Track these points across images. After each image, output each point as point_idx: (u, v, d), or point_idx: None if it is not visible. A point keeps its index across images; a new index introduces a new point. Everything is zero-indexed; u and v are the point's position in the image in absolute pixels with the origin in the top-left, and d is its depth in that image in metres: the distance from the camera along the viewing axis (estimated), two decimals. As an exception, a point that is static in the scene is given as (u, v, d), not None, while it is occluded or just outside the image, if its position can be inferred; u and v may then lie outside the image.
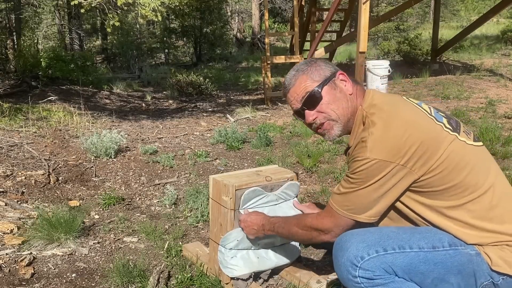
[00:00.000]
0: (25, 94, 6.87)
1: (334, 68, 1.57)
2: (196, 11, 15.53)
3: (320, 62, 1.58)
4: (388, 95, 1.57)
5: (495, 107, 6.03)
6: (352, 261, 1.34)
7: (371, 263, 1.33)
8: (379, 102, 1.47)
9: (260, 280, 1.98)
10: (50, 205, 2.96)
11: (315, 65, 1.55)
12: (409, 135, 1.34)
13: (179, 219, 2.83)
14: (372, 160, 1.34)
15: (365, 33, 6.77)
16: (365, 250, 1.34)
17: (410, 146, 1.33)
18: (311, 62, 1.58)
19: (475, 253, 1.36)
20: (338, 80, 1.54)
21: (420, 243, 1.35)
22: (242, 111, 6.71)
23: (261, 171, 2.03)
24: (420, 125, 1.38)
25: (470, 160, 1.37)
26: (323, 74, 1.53)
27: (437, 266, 1.34)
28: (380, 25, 15.21)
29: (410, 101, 1.51)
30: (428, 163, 1.34)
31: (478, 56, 11.53)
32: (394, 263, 1.33)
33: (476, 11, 22.41)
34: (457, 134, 1.40)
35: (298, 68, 1.57)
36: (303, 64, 1.58)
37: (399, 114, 1.40)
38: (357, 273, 1.34)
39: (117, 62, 15.75)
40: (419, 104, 1.49)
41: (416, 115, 1.42)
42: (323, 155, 4.08)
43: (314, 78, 1.53)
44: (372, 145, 1.35)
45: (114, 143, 4.01)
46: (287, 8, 21.43)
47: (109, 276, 2.07)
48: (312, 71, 1.54)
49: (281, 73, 11.47)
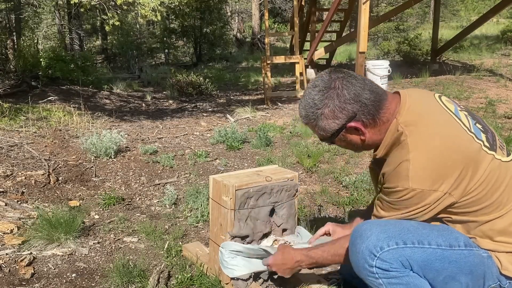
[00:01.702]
0: (25, 94, 6.87)
1: (345, 114, 1.38)
2: (196, 11, 15.54)
3: (330, 106, 1.39)
4: (425, 100, 1.43)
5: (495, 107, 6.03)
6: (371, 250, 1.33)
7: (390, 254, 1.32)
8: (416, 117, 1.37)
9: (260, 280, 1.98)
10: (50, 205, 2.96)
11: (324, 116, 1.41)
12: (451, 160, 1.30)
13: (179, 219, 2.83)
14: (414, 190, 1.31)
15: (365, 33, 6.78)
16: (386, 241, 1.33)
17: (452, 172, 1.30)
18: (321, 107, 1.40)
19: (487, 255, 1.37)
20: (348, 131, 1.43)
21: (438, 240, 1.35)
22: (242, 111, 6.71)
23: (261, 171, 2.04)
24: (461, 148, 1.32)
25: (505, 178, 1.36)
26: (330, 130, 1.42)
27: (451, 265, 1.34)
28: (380, 25, 15.22)
29: (447, 109, 1.41)
30: (468, 187, 1.32)
31: (478, 56, 11.53)
32: (411, 257, 1.33)
33: (476, 11, 22.42)
34: (494, 153, 1.36)
35: (307, 114, 1.44)
36: (311, 108, 1.42)
37: (439, 136, 1.32)
38: (374, 263, 1.33)
39: (117, 62, 15.76)
40: (456, 113, 1.41)
41: (457, 134, 1.34)
42: (323, 155, 4.08)
43: (320, 132, 1.46)
44: (413, 174, 1.30)
45: (114, 143, 4.01)
46: (287, 8, 21.43)
47: (109, 276, 2.07)
48: (319, 124, 1.42)
49: (281, 73, 11.47)
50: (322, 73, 1.45)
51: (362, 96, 1.37)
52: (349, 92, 1.37)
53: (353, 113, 1.37)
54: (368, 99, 1.37)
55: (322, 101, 1.39)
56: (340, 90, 1.38)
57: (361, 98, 1.37)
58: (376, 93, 1.39)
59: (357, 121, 1.39)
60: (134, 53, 14.82)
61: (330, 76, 1.41)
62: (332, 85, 1.39)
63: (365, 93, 1.37)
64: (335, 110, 1.38)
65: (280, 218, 1.98)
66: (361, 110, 1.37)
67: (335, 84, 1.39)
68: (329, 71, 1.44)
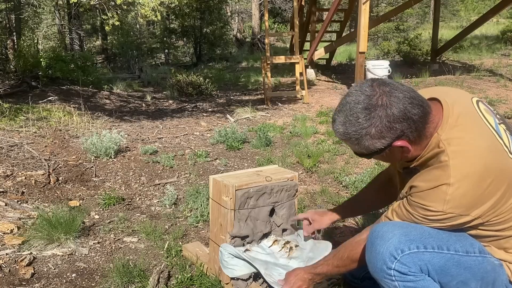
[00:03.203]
0: (25, 94, 6.87)
1: (392, 133, 1.27)
2: (196, 11, 15.55)
3: (378, 125, 1.26)
4: (467, 115, 1.33)
5: (495, 107, 6.03)
6: (392, 252, 1.31)
7: (410, 258, 1.30)
8: (459, 134, 1.29)
9: (260, 280, 1.98)
10: (50, 205, 2.96)
11: (369, 136, 1.28)
12: (491, 187, 1.26)
13: (179, 219, 2.83)
14: (446, 214, 1.29)
15: (365, 33, 6.78)
16: (407, 244, 1.31)
17: (489, 199, 1.27)
18: (366, 126, 1.27)
19: (498, 263, 1.38)
20: (393, 150, 1.33)
21: (456, 245, 1.34)
22: (242, 111, 6.71)
23: (261, 171, 2.04)
24: (503, 172, 1.27)
25: None
26: (374, 148, 1.31)
27: (466, 271, 1.34)
28: (380, 25, 15.22)
29: (488, 124, 1.34)
30: (499, 209, 1.30)
31: (478, 56, 11.53)
32: (430, 262, 1.32)
33: (476, 11, 22.41)
34: None
35: (347, 131, 1.30)
36: (354, 125, 1.28)
37: (482, 160, 1.26)
38: (393, 265, 1.31)
39: (117, 62, 15.76)
40: (497, 130, 1.34)
41: (499, 157, 1.29)
42: (323, 155, 4.08)
43: (361, 150, 1.35)
44: (450, 200, 1.26)
45: (114, 143, 4.01)
46: (287, 8, 21.44)
47: (109, 276, 2.07)
48: (363, 143, 1.31)
49: (281, 73, 11.46)
50: (363, 84, 1.31)
51: (410, 112, 1.25)
52: (398, 109, 1.25)
53: (402, 132, 1.27)
54: (416, 114, 1.26)
55: (368, 121, 1.26)
56: (389, 109, 1.25)
57: (410, 115, 1.25)
58: (422, 106, 1.28)
59: (404, 139, 1.29)
60: (134, 53, 14.81)
61: (374, 90, 1.28)
62: (379, 102, 1.26)
63: (414, 108, 1.26)
64: (383, 130, 1.26)
65: (280, 218, 1.98)
66: (409, 128, 1.26)
67: (382, 101, 1.26)
68: (372, 82, 1.31)
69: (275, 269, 1.84)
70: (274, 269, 1.84)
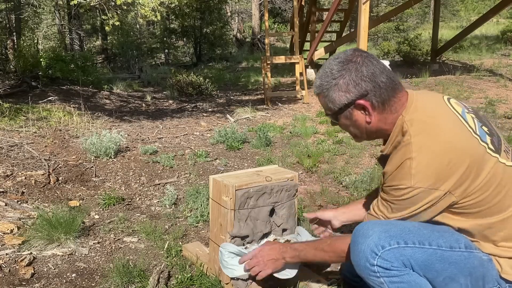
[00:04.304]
0: (25, 94, 6.87)
1: (357, 90, 1.39)
2: (196, 11, 15.55)
3: (346, 77, 1.40)
4: (432, 101, 1.44)
5: (495, 107, 6.03)
6: (372, 249, 1.34)
7: (391, 253, 1.33)
8: (422, 116, 1.37)
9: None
10: (50, 205, 2.96)
11: (337, 87, 1.41)
12: (454, 160, 1.30)
13: (179, 219, 2.83)
14: (416, 189, 1.32)
15: (365, 33, 6.78)
16: (387, 240, 1.34)
17: (454, 172, 1.30)
18: (337, 77, 1.41)
19: (487, 258, 1.38)
20: (355, 109, 1.43)
21: (439, 241, 1.36)
22: (242, 111, 6.71)
23: (261, 171, 2.04)
24: (465, 149, 1.32)
25: (507, 183, 1.36)
26: (339, 104, 1.43)
27: (451, 266, 1.35)
28: (380, 25, 15.22)
29: (454, 110, 1.41)
30: (469, 188, 1.32)
31: (478, 56, 11.54)
32: (412, 257, 1.34)
33: (476, 11, 22.43)
34: (498, 156, 1.36)
35: (321, 84, 1.45)
36: (328, 77, 1.43)
37: (444, 135, 1.33)
38: (375, 261, 1.34)
39: (117, 62, 15.76)
40: (463, 115, 1.41)
41: (461, 135, 1.35)
42: (323, 155, 4.08)
43: (329, 105, 1.47)
44: (416, 173, 1.31)
45: (114, 143, 4.01)
46: (287, 8, 21.45)
47: (109, 276, 2.07)
48: (331, 94, 1.44)
49: (281, 73, 11.47)
50: (348, 49, 1.48)
51: (378, 78, 1.38)
52: (367, 69, 1.38)
53: (365, 91, 1.38)
54: (384, 82, 1.38)
55: (339, 72, 1.40)
56: (359, 65, 1.39)
57: (377, 80, 1.38)
58: (393, 80, 1.40)
59: (367, 100, 1.39)
60: (134, 53, 14.82)
61: (353, 52, 1.43)
62: (353, 59, 1.40)
63: (382, 76, 1.38)
64: (349, 83, 1.39)
65: (280, 218, 1.98)
66: (374, 91, 1.38)
67: (356, 59, 1.40)
68: (355, 48, 1.46)
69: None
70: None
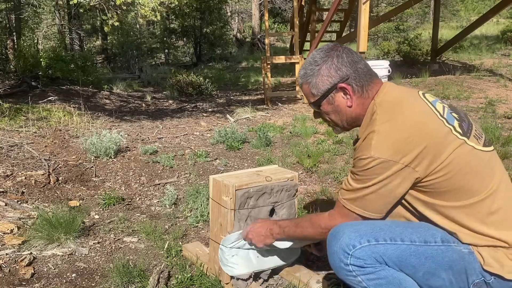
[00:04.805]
0: (25, 94, 6.87)
1: (339, 74, 1.50)
2: (196, 11, 15.55)
3: (328, 63, 1.51)
4: (404, 90, 1.53)
5: (495, 107, 6.03)
6: (344, 249, 1.37)
7: (363, 251, 1.36)
8: (391, 98, 1.46)
9: (260, 280, 1.98)
10: (50, 205, 2.96)
11: (320, 72, 1.52)
12: (414, 136, 1.34)
13: (179, 219, 2.83)
14: (376, 159, 1.35)
15: (365, 33, 6.78)
16: (357, 239, 1.37)
17: (414, 147, 1.33)
18: (320, 63, 1.53)
19: (468, 251, 1.38)
20: (337, 93, 1.52)
21: (412, 236, 1.38)
22: (242, 111, 6.71)
23: (261, 171, 2.04)
24: (426, 127, 1.37)
25: (476, 165, 1.38)
26: (322, 88, 1.52)
27: (428, 260, 1.36)
28: (380, 25, 15.22)
29: (425, 98, 1.48)
30: (432, 166, 1.34)
31: (478, 56, 11.53)
32: (385, 254, 1.36)
33: (476, 11, 22.43)
34: (465, 139, 1.38)
35: (306, 72, 1.56)
36: (311, 64, 1.55)
37: (407, 113, 1.39)
38: (348, 261, 1.37)
39: (117, 62, 15.75)
40: (434, 103, 1.46)
41: (425, 115, 1.40)
42: (323, 155, 4.08)
43: (313, 91, 1.55)
44: (376, 144, 1.36)
45: (114, 143, 4.01)
46: (287, 8, 21.44)
47: (109, 276, 2.07)
48: (314, 81, 1.53)
49: (281, 73, 11.47)
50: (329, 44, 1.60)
51: (358, 64, 1.50)
52: (348, 56, 1.51)
53: (346, 76, 1.49)
54: (362, 69, 1.50)
55: (321, 59, 1.52)
56: (340, 53, 1.51)
57: (357, 66, 1.50)
58: (369, 69, 1.53)
59: (348, 84, 1.49)
60: (134, 53, 14.81)
61: (335, 44, 1.57)
62: (334, 47, 1.54)
63: (361, 63, 1.51)
64: (331, 67, 1.50)
65: (280, 218, 1.98)
66: (354, 76, 1.49)
67: (337, 48, 1.53)
68: (336, 42, 1.60)
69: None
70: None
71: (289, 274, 2.00)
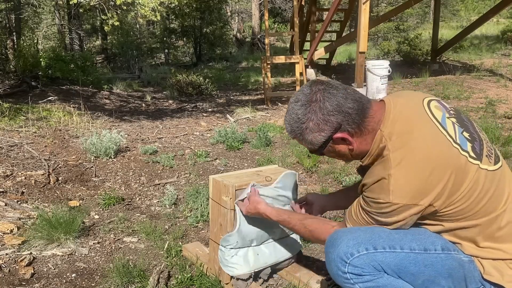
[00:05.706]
0: (25, 94, 6.87)
1: (329, 126, 1.37)
2: (196, 11, 15.54)
3: (314, 120, 1.38)
4: (411, 110, 1.40)
5: (495, 107, 6.03)
6: (342, 257, 1.36)
7: (361, 260, 1.34)
8: (399, 128, 1.35)
9: (260, 280, 1.98)
10: (50, 205, 2.96)
11: (308, 131, 1.40)
12: (433, 175, 1.28)
13: (179, 219, 2.83)
14: (395, 204, 1.31)
15: (365, 33, 6.78)
16: (355, 247, 1.35)
17: (435, 186, 1.29)
18: (305, 121, 1.39)
19: (468, 259, 1.36)
20: (336, 143, 1.42)
21: (411, 244, 1.36)
22: (242, 111, 6.71)
23: (261, 171, 2.03)
24: (444, 161, 1.30)
25: (489, 188, 1.34)
26: (317, 143, 1.42)
27: (428, 268, 1.34)
28: (380, 25, 15.21)
29: (433, 118, 1.37)
30: (450, 199, 1.31)
31: (478, 56, 11.53)
32: (383, 262, 1.34)
33: (476, 11, 22.43)
34: (479, 163, 1.33)
35: (293, 129, 1.43)
36: (296, 122, 1.41)
37: (422, 148, 1.31)
38: (346, 269, 1.35)
39: (117, 62, 15.75)
40: (443, 122, 1.37)
41: (439, 145, 1.32)
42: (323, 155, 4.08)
43: (309, 146, 1.45)
44: (394, 190, 1.29)
45: (113, 143, 4.01)
46: (287, 8, 21.44)
47: (109, 276, 2.07)
48: (306, 137, 1.42)
49: (281, 73, 11.47)
50: (303, 86, 1.45)
51: (344, 106, 1.36)
52: (331, 103, 1.36)
53: (338, 124, 1.37)
54: (351, 108, 1.36)
55: (305, 115, 1.39)
56: (322, 103, 1.37)
57: (344, 108, 1.36)
58: (359, 102, 1.38)
59: (343, 131, 1.38)
60: (134, 53, 14.80)
61: (311, 89, 1.40)
62: (313, 98, 1.38)
63: (348, 102, 1.36)
64: (319, 123, 1.38)
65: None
66: (346, 120, 1.36)
67: (316, 97, 1.38)
68: (310, 83, 1.43)
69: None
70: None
71: (289, 274, 2.00)
